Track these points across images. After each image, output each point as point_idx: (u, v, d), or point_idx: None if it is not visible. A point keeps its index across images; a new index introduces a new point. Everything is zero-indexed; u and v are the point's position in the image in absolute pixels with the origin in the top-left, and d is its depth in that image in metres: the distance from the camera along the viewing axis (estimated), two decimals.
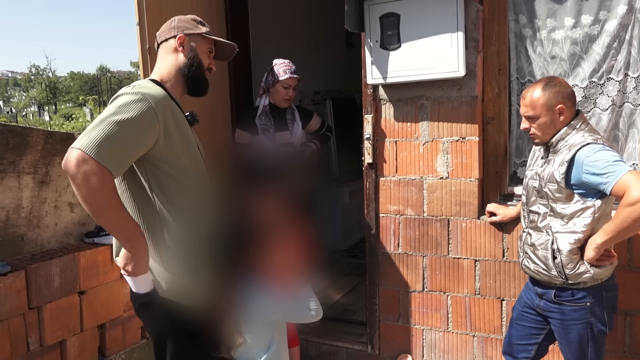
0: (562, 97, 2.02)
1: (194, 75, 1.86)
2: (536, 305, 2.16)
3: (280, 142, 3.16)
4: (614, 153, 1.91)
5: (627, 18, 2.45)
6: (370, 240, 2.99)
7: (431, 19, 2.57)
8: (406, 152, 2.83)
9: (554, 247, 2.02)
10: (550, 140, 2.06)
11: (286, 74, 3.08)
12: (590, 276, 1.98)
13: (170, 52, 1.87)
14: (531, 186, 2.13)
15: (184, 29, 1.87)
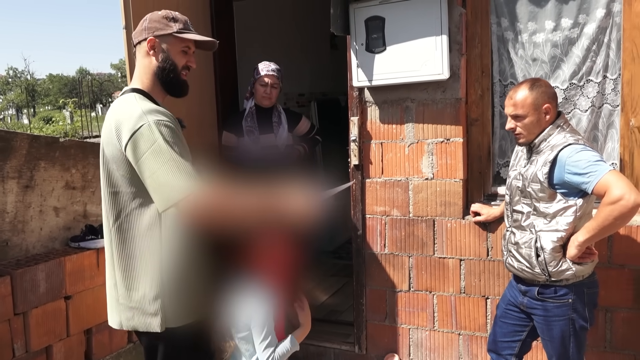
0: (548, 97, 2.08)
1: (169, 78, 1.79)
2: (520, 302, 2.21)
3: (265, 145, 3.18)
4: (594, 153, 1.97)
5: (605, 21, 2.51)
6: (357, 241, 3.02)
7: (416, 22, 2.61)
8: (392, 154, 2.87)
9: (538, 246, 2.07)
10: (533, 140, 2.11)
11: (263, 72, 3.13)
12: (573, 273, 2.03)
13: (144, 56, 1.79)
14: (515, 186, 2.17)
15: (154, 30, 1.77)
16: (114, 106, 1.74)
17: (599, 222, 1.92)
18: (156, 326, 1.69)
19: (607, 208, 1.87)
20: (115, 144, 1.65)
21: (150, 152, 1.57)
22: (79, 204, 3.03)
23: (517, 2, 2.66)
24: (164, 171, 1.55)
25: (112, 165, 1.69)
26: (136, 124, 1.61)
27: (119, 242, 1.72)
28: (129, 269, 1.72)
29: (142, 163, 1.59)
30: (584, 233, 1.98)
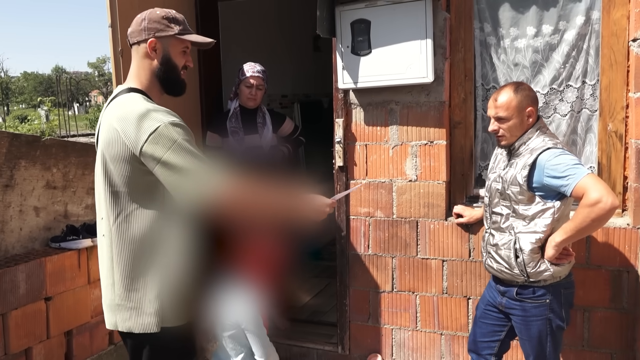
0: (531, 101, 2.13)
1: (169, 78, 1.80)
2: (498, 303, 2.25)
3: (249, 145, 3.18)
4: (573, 157, 2.02)
5: (585, 28, 2.58)
6: (341, 242, 3.04)
7: (401, 26, 2.64)
8: (376, 156, 2.89)
9: (517, 247, 2.11)
10: (514, 143, 2.15)
11: (248, 73, 3.13)
12: (550, 274, 2.09)
13: (143, 57, 1.79)
14: (494, 188, 2.22)
15: (155, 31, 1.75)
16: (116, 106, 1.72)
17: (576, 224, 1.97)
18: (153, 326, 1.68)
19: (585, 210, 1.92)
20: (124, 144, 1.63)
21: (172, 152, 1.59)
22: (60, 203, 2.99)
23: (500, 8, 2.72)
24: (191, 167, 1.59)
25: (114, 165, 1.67)
26: (152, 124, 1.62)
27: (119, 242, 1.70)
28: (129, 269, 1.71)
29: (164, 162, 1.60)
30: (562, 234, 2.03)
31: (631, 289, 2.50)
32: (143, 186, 1.67)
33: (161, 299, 1.69)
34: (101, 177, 1.71)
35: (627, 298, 2.51)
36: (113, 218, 1.70)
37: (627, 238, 2.48)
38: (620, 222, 2.51)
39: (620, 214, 2.56)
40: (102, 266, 1.78)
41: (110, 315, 1.75)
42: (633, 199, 2.47)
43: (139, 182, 1.67)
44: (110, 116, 1.70)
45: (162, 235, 1.69)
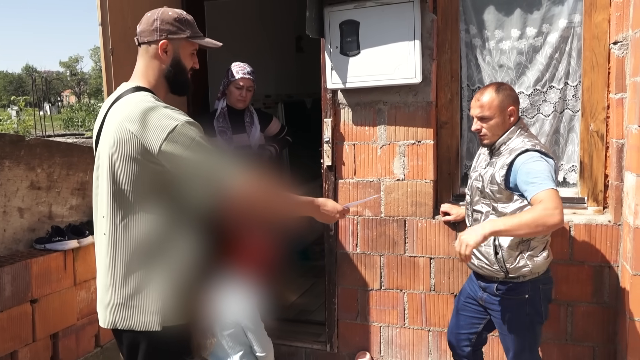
0: (513, 101, 2.19)
1: (178, 80, 1.83)
2: (479, 297, 2.31)
3: (237, 145, 3.18)
4: (547, 165, 2.05)
5: (567, 31, 2.66)
6: (329, 241, 3.06)
7: (389, 27, 2.68)
8: (364, 155, 2.93)
9: (496, 244, 2.17)
10: (495, 143, 2.21)
11: (238, 74, 3.12)
12: (529, 270, 2.15)
13: (152, 58, 1.78)
14: (475, 187, 2.27)
15: (168, 32, 1.77)
16: (125, 105, 1.71)
17: (522, 221, 1.95)
18: (156, 324, 1.68)
19: (540, 211, 1.93)
20: (139, 144, 1.63)
21: (191, 149, 1.63)
22: (44, 204, 2.94)
23: (485, 11, 2.78)
24: (211, 163, 1.65)
25: (124, 165, 1.66)
26: (169, 123, 1.64)
27: (124, 241, 1.70)
28: (133, 268, 1.70)
29: (184, 159, 1.63)
30: (499, 225, 1.98)
31: (612, 283, 2.58)
32: (152, 186, 1.68)
33: (164, 297, 1.69)
34: (106, 176, 1.70)
35: (609, 293, 2.59)
36: (119, 217, 1.69)
37: (608, 235, 2.57)
38: (601, 219, 2.59)
39: (602, 212, 2.64)
40: (100, 265, 1.77)
41: (108, 314, 1.74)
42: (614, 196, 2.55)
43: (149, 182, 1.67)
44: (119, 116, 1.69)
45: (168, 235, 1.69)
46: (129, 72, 1.84)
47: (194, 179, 1.66)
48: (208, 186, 1.65)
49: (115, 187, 1.69)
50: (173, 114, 1.67)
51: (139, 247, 1.69)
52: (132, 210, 1.68)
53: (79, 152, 3.08)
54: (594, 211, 2.66)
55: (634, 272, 2.32)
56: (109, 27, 2.34)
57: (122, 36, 2.55)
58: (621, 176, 2.51)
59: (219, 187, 1.64)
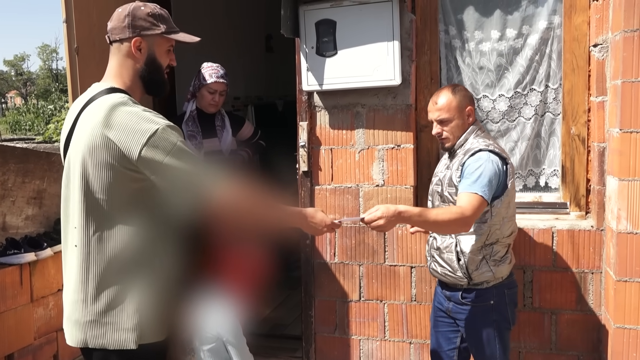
0: (469, 101, 2.28)
1: (153, 79, 1.80)
2: (446, 308, 2.35)
3: (208, 150, 3.17)
4: (491, 168, 2.11)
5: (547, 33, 2.76)
6: (306, 251, 3.08)
7: (367, 27, 2.73)
8: (342, 160, 2.96)
9: (458, 250, 2.23)
10: (455, 145, 2.28)
11: (212, 78, 3.10)
12: (492, 275, 2.21)
13: (125, 56, 1.76)
14: (435, 191, 2.34)
15: (141, 29, 1.74)
16: (100, 109, 1.68)
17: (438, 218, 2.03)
18: (131, 342, 1.66)
19: (455, 217, 2.02)
20: (116, 150, 1.61)
21: (173, 155, 1.62)
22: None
23: (465, 11, 2.86)
24: (193, 170, 1.64)
25: (99, 172, 1.64)
26: (149, 127, 1.62)
27: (98, 254, 1.67)
28: (107, 283, 1.68)
29: (165, 166, 1.61)
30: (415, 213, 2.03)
31: (596, 290, 2.68)
32: (128, 195, 1.66)
33: (141, 313, 1.68)
34: (78, 184, 1.68)
35: (593, 300, 2.69)
36: (93, 228, 1.67)
37: (591, 240, 2.67)
38: (584, 225, 2.69)
39: (584, 217, 2.74)
40: (69, 279, 1.74)
41: (78, 332, 1.71)
42: (596, 201, 2.65)
43: (125, 191, 1.66)
44: (92, 119, 1.67)
45: (145, 247, 1.68)
46: (95, 71, 1.82)
47: (175, 187, 1.64)
48: (190, 195, 1.64)
49: (88, 196, 1.67)
50: (153, 117, 1.66)
51: (113, 260, 1.67)
52: (106, 220, 1.66)
53: (35, 158, 3.03)
54: (576, 216, 2.76)
55: (618, 278, 2.42)
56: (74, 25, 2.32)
57: (88, 34, 2.52)
58: (603, 180, 2.61)
59: (201, 195, 1.64)
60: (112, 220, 1.67)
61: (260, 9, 5.45)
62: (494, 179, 2.12)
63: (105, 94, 1.72)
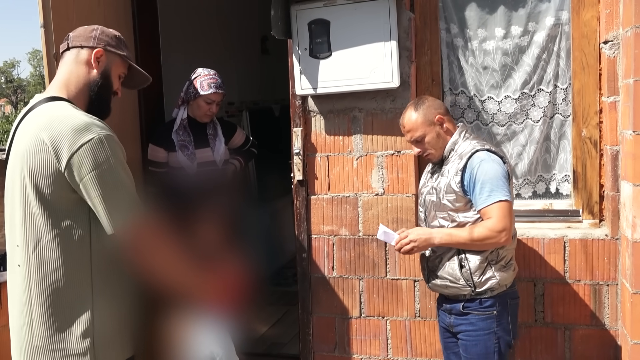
0: (435, 109, 2.28)
1: (101, 96, 1.85)
2: (448, 324, 2.33)
3: (201, 161, 3.15)
4: (500, 169, 2.15)
5: (555, 30, 2.74)
6: (302, 265, 3.05)
7: (363, 26, 2.71)
8: (339, 168, 2.94)
9: (462, 257, 2.22)
10: (443, 154, 2.29)
11: (211, 89, 3.07)
12: (497, 282, 2.20)
13: (81, 63, 1.82)
14: (429, 201, 2.32)
15: (106, 43, 1.84)
16: (41, 115, 1.69)
17: (470, 238, 2.14)
18: None
19: (485, 232, 2.12)
20: (50, 157, 1.62)
21: (101, 170, 1.62)
22: None
23: (467, 8, 2.84)
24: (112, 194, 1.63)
25: (36, 182, 1.63)
26: (84, 136, 1.62)
27: (39, 272, 1.65)
28: (52, 304, 1.65)
29: (90, 180, 1.62)
30: (446, 238, 2.19)
31: (612, 303, 2.63)
32: (69, 206, 1.66)
33: (91, 336, 1.66)
34: (18, 196, 1.66)
35: (609, 314, 2.64)
36: (33, 245, 1.66)
37: (605, 250, 2.63)
38: (598, 233, 2.65)
39: (598, 225, 2.70)
40: (14, 303, 1.72)
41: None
42: (610, 208, 2.62)
43: (65, 202, 1.65)
44: (32, 126, 1.67)
45: (93, 263, 1.67)
46: None
47: (94, 207, 1.65)
48: (100, 217, 1.64)
49: (27, 209, 1.65)
50: (93, 126, 1.66)
51: (57, 278, 1.65)
52: (48, 235, 1.65)
53: None
54: (589, 225, 2.72)
55: (634, 291, 2.37)
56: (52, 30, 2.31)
57: None
58: (617, 186, 2.57)
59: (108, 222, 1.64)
60: (53, 234, 1.65)
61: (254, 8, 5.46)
62: (505, 175, 2.16)
63: (45, 102, 1.72)
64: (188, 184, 3.02)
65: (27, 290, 1.67)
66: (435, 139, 2.27)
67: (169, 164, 3.11)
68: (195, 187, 2.99)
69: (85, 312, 1.66)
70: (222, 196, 3.07)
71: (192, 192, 2.93)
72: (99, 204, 1.63)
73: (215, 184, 3.10)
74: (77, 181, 1.63)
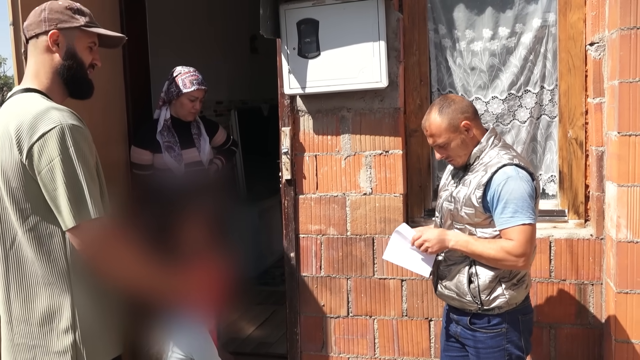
0: (462, 113, 2.09)
1: (74, 77, 1.76)
2: (454, 332, 2.27)
3: (188, 161, 3.15)
4: (527, 187, 2.01)
5: (542, 32, 2.76)
6: (290, 264, 3.06)
7: (352, 26, 2.72)
8: (327, 167, 2.95)
9: (472, 272, 2.11)
10: (468, 161, 2.15)
11: (193, 86, 3.08)
12: (505, 301, 2.09)
13: (42, 52, 1.73)
14: (446, 209, 2.19)
15: (57, 21, 1.70)
16: (9, 106, 1.68)
17: (484, 254, 2.03)
18: None
19: (503, 254, 2.00)
20: (14, 149, 1.59)
21: (59, 162, 1.56)
22: None
23: (455, 9, 2.86)
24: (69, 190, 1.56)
25: (7, 175, 1.61)
26: (47, 125, 1.58)
27: (17, 269, 1.64)
28: (31, 300, 1.64)
29: (48, 172, 1.56)
30: (463, 244, 2.06)
31: (596, 303, 2.67)
32: (38, 201, 1.61)
33: (74, 333, 1.64)
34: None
35: (593, 313, 2.68)
36: (10, 241, 1.64)
37: (590, 249, 2.66)
38: (583, 233, 2.68)
39: (583, 225, 2.74)
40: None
41: (8, 358, 1.68)
42: (595, 208, 2.65)
43: (33, 196, 1.61)
44: (2, 118, 1.65)
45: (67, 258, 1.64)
46: None
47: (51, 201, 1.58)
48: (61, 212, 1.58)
49: (1, 204, 1.64)
50: (56, 114, 1.60)
51: (36, 274, 1.63)
52: (20, 231, 1.62)
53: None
54: (575, 224, 2.75)
55: (618, 290, 2.41)
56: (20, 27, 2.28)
57: None
58: (602, 186, 2.61)
59: (62, 220, 1.58)
60: (29, 228, 1.62)
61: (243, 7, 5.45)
62: (532, 194, 2.02)
63: (18, 94, 1.69)
64: (175, 186, 3.01)
65: (5, 287, 1.66)
66: (460, 145, 2.10)
67: (154, 166, 3.11)
68: (182, 188, 2.98)
69: (65, 309, 1.64)
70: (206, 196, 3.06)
71: (178, 194, 2.93)
72: (53, 200, 1.57)
73: (201, 183, 3.10)
74: (36, 173, 1.58)
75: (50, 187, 1.57)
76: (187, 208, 2.15)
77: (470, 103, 2.18)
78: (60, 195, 1.56)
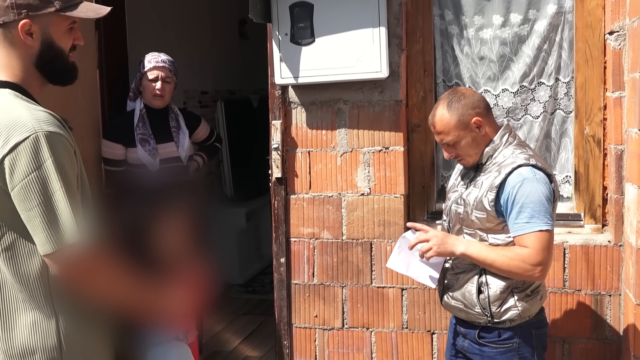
0: (473, 109, 2.05)
1: (54, 67, 1.69)
2: (461, 346, 2.24)
3: (164, 157, 3.12)
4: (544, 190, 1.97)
5: (557, 19, 2.75)
6: (280, 270, 3.04)
7: (349, 10, 2.71)
8: (321, 165, 2.93)
9: (482, 281, 2.07)
10: (480, 160, 2.12)
11: (150, 64, 3.10)
12: (517, 313, 2.05)
13: (14, 44, 1.63)
14: (455, 212, 2.16)
15: (28, 9, 1.59)
16: None
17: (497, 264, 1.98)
18: None
19: (519, 263, 1.96)
20: None
21: (34, 178, 1.49)
22: None
23: None
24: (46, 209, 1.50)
25: None
26: (19, 133, 1.50)
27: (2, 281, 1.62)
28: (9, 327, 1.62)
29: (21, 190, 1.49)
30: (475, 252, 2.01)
31: (614, 315, 2.66)
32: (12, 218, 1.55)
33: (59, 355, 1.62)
34: None
35: (610, 326, 2.67)
36: None
37: (608, 257, 2.65)
38: (600, 240, 2.67)
39: (601, 230, 2.73)
40: None
41: None
42: (614, 212, 2.64)
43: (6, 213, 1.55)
44: None
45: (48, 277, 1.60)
46: None
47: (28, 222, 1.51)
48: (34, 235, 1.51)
49: None
50: (30, 121, 1.52)
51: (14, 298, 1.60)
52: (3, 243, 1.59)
53: None
54: (591, 230, 2.74)
55: (638, 302, 2.40)
56: None
57: None
58: (621, 188, 2.60)
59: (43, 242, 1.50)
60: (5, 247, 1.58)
61: None
62: (550, 197, 1.98)
63: None
64: (149, 184, 2.98)
65: None
66: (470, 144, 2.06)
67: (127, 162, 3.09)
68: (157, 186, 2.96)
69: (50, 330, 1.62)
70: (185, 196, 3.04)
71: (154, 193, 2.90)
72: (28, 221, 1.51)
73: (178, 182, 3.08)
74: (9, 190, 1.50)
75: (25, 207, 1.50)
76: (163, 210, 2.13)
77: (482, 97, 2.14)
78: (36, 216, 1.49)
